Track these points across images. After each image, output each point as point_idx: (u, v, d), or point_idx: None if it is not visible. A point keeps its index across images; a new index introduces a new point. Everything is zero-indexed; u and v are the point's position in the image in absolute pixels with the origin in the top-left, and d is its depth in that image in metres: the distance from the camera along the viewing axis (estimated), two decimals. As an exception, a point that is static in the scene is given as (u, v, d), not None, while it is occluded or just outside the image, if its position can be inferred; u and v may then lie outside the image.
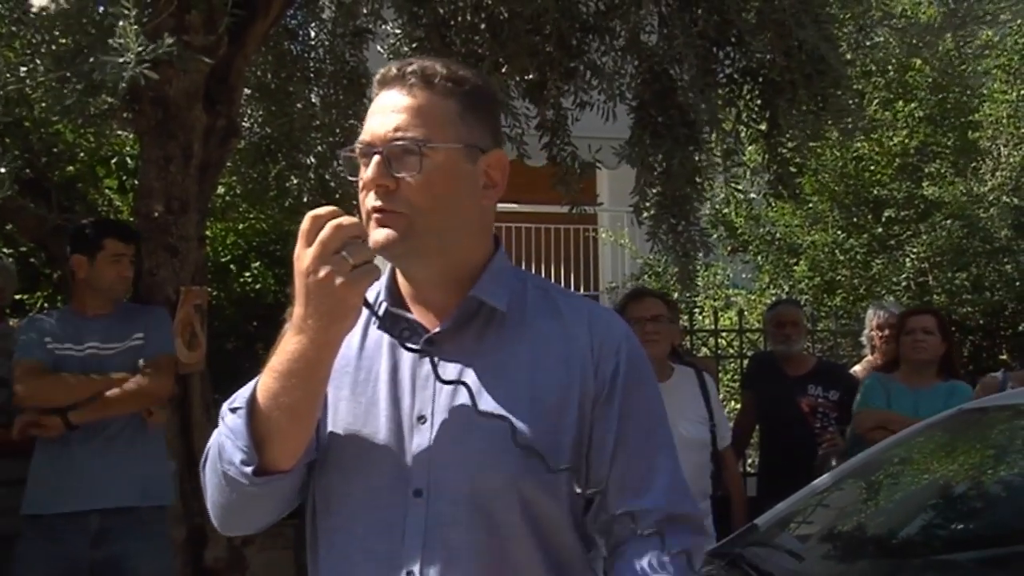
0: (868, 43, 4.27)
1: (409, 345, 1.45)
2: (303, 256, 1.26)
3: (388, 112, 1.44)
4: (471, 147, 1.45)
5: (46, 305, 5.78)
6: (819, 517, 3.33)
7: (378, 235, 1.38)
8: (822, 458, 4.52)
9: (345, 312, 1.29)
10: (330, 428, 1.46)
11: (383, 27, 5.26)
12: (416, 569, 1.38)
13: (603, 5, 4.55)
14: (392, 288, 1.52)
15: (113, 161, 6.12)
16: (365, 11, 5.19)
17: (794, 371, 5.10)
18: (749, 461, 6.64)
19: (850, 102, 4.16)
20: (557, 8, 4.35)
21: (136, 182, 5.63)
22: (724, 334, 8.07)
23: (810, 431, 4.89)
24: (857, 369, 5.53)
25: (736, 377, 7.89)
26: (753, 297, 9.81)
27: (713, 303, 9.84)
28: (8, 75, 2.78)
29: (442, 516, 1.39)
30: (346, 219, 1.28)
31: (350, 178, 1.49)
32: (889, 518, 3.35)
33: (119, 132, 5.52)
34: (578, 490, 1.42)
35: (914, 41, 4.17)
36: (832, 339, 8.39)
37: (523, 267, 11.81)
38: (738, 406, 6.39)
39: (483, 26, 4.82)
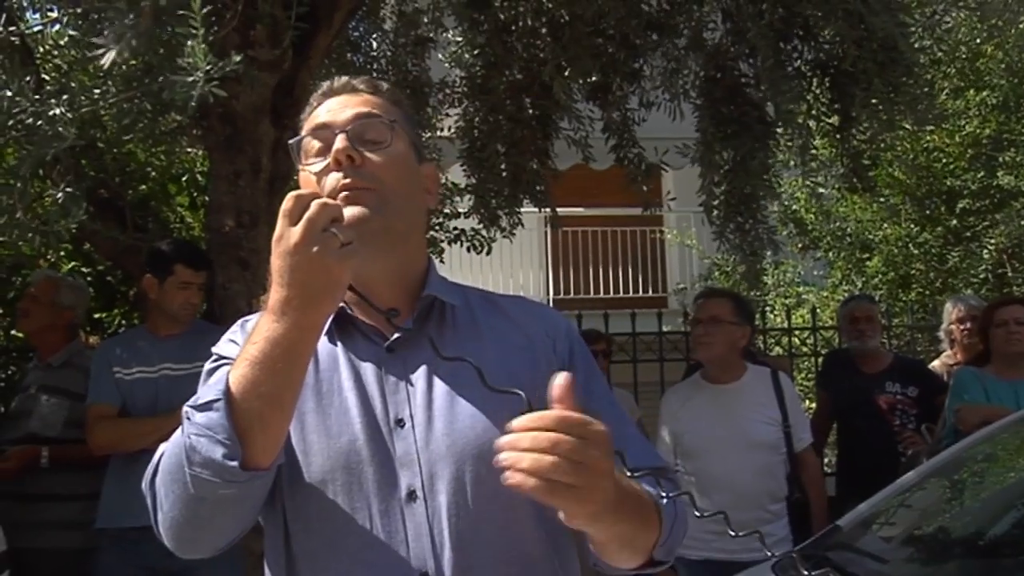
0: (940, 28, 4.16)
1: (444, 353, 1.40)
2: (288, 235, 1.21)
3: (344, 106, 1.49)
4: (416, 148, 1.54)
5: (123, 322, 5.89)
6: (903, 517, 3.25)
7: (353, 210, 1.36)
8: (911, 457, 4.42)
9: (333, 292, 1.24)
10: (298, 442, 1.42)
11: (444, 35, 5.28)
12: (431, 569, 1.37)
13: (666, 4, 4.52)
14: None
15: (184, 178, 6.22)
16: (426, 20, 5.22)
17: (870, 368, 4.99)
18: (826, 460, 6.52)
19: (923, 90, 4.06)
20: (619, 9, 4.33)
21: (206, 198, 5.74)
22: (797, 332, 7.95)
23: (889, 429, 4.79)
24: (935, 364, 5.40)
25: (810, 376, 7.77)
26: (825, 294, 9.66)
27: (784, 301, 9.71)
28: (82, 97, 2.82)
29: (444, 511, 1.38)
30: (329, 199, 1.25)
31: (299, 166, 1.48)
32: (976, 517, 3.26)
33: (188, 149, 5.62)
34: None
35: (994, 21, 4.06)
36: (908, 334, 8.22)
37: (591, 270, 11.82)
38: (813, 405, 6.29)
39: (544, 30, 4.81)
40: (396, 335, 1.46)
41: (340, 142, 1.41)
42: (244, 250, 3.95)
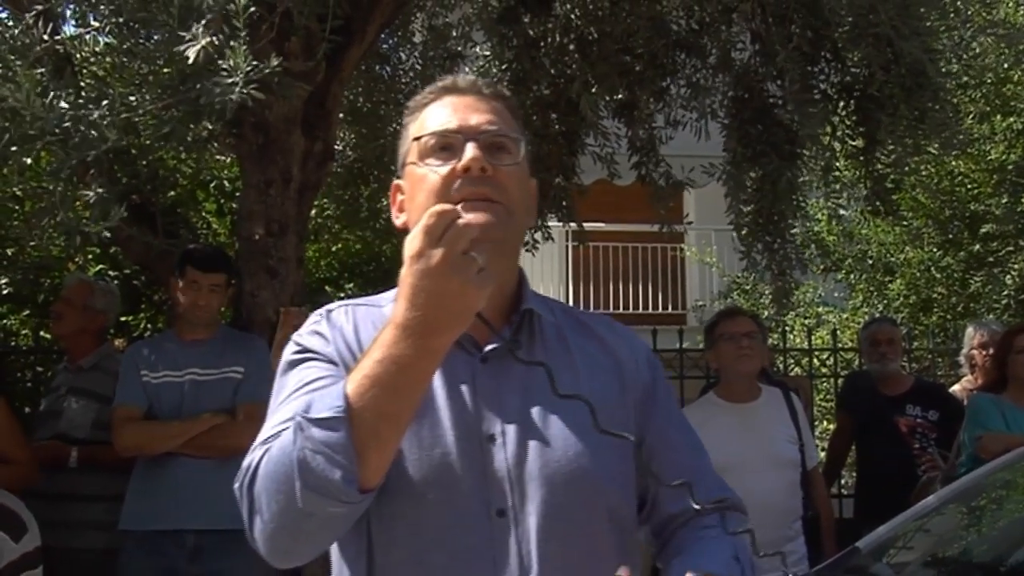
0: (967, 54, 4.17)
1: (530, 353, 1.42)
2: (429, 256, 1.15)
3: (472, 109, 1.45)
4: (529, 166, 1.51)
5: (148, 326, 5.95)
6: (921, 542, 3.25)
7: (479, 217, 1.30)
8: (925, 483, 4.41)
9: (466, 317, 1.20)
10: None
11: (473, 49, 5.33)
12: None
13: (694, 23, 4.55)
14: None
15: (212, 185, 6.29)
16: (456, 34, 5.26)
17: (891, 391, 4.99)
18: (843, 482, 6.50)
19: (949, 115, 4.07)
20: (648, 28, 4.36)
21: (234, 205, 5.79)
22: (817, 353, 7.93)
23: (909, 452, 4.78)
24: (956, 389, 5.38)
25: (830, 397, 7.75)
26: (846, 316, 9.64)
27: (804, 322, 9.69)
28: (119, 104, 2.88)
29: (534, 533, 1.36)
30: (470, 217, 1.20)
31: (416, 164, 1.43)
32: (994, 545, 3.25)
33: (218, 156, 5.69)
34: (666, 484, 1.42)
35: (1020, 47, 4.07)
36: (929, 358, 8.19)
37: (611, 285, 11.82)
38: (832, 426, 6.28)
39: (572, 47, 4.85)
40: (491, 345, 1.43)
41: (474, 151, 1.37)
42: (273, 258, 3.99)
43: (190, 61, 2.37)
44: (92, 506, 3.82)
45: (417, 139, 1.44)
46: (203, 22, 2.30)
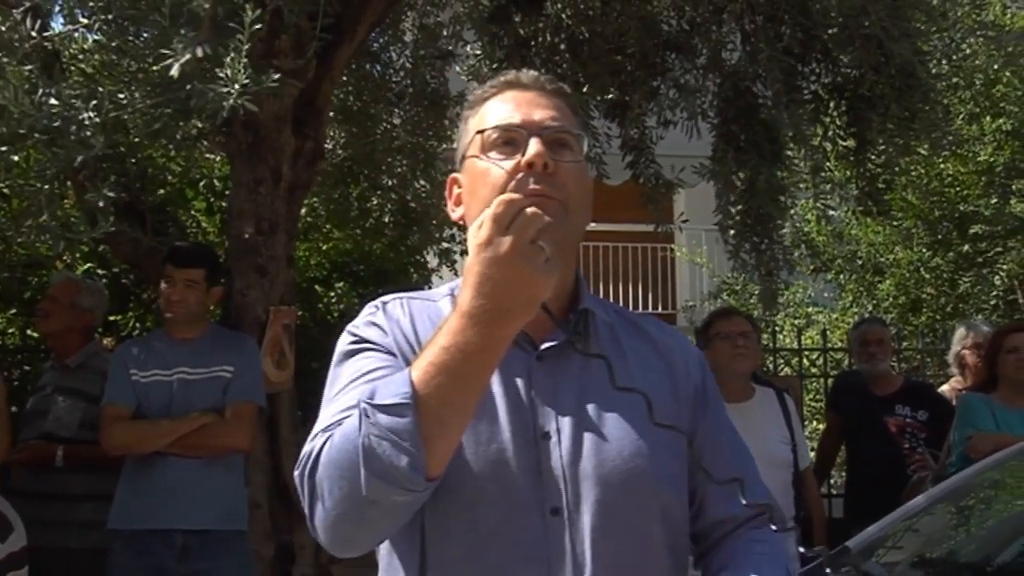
0: (957, 56, 4.19)
1: (587, 348, 1.43)
2: (498, 243, 1.16)
3: (535, 105, 1.45)
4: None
5: (137, 326, 5.92)
6: (911, 541, 3.26)
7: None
8: (915, 482, 4.42)
9: (533, 306, 1.20)
10: None
11: (464, 48, 5.32)
12: None
13: (685, 24, 4.55)
14: None
15: (201, 183, 6.26)
16: (446, 33, 5.25)
17: (881, 390, 5.00)
18: (832, 481, 6.52)
19: (938, 116, 4.08)
20: (639, 28, 4.36)
21: (223, 204, 5.77)
22: (807, 353, 7.95)
23: (899, 452, 4.79)
24: (945, 389, 5.40)
25: (819, 396, 7.76)
26: (836, 316, 9.66)
27: (794, 322, 9.71)
28: (108, 103, 2.86)
29: (587, 532, 1.36)
30: (535, 209, 1.20)
31: (478, 158, 1.44)
32: (983, 544, 3.26)
33: (208, 155, 5.67)
34: (717, 481, 1.46)
35: (1010, 48, 4.09)
36: (918, 358, 8.22)
37: (601, 285, 11.82)
38: (822, 426, 6.29)
39: (563, 46, 4.85)
40: (549, 343, 1.44)
41: (538, 146, 1.37)
42: (263, 257, 3.98)
43: (173, 74, 2.35)
44: (80, 505, 3.80)
45: (480, 132, 1.44)
46: (191, 33, 2.27)
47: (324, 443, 1.27)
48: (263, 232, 3.97)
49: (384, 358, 1.40)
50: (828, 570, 2.96)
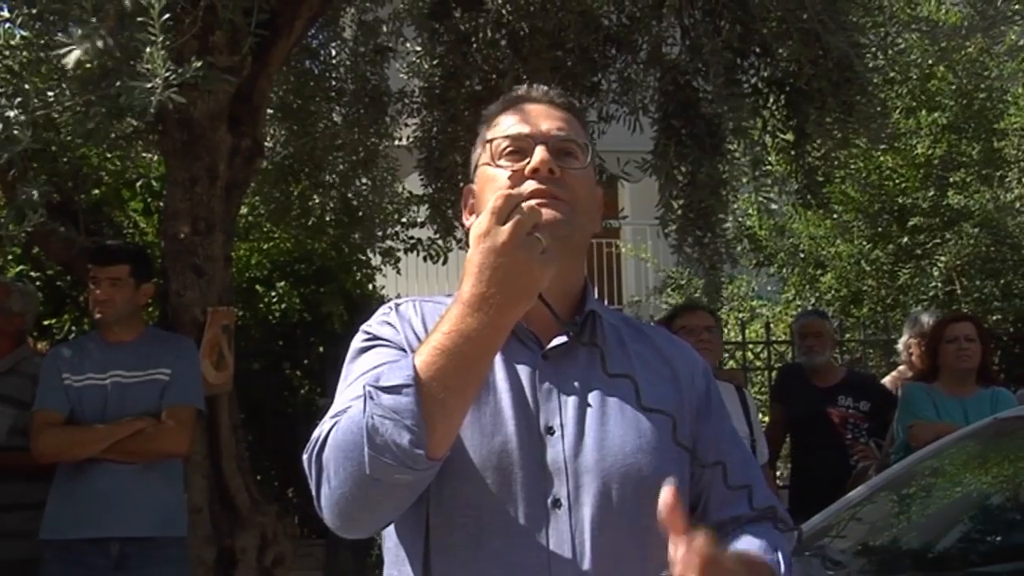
0: (892, 50, 4.23)
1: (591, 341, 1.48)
2: (496, 233, 1.24)
3: (543, 116, 1.53)
4: (595, 170, 1.60)
5: (73, 328, 5.81)
6: (853, 530, 3.29)
7: (547, 213, 1.39)
8: (860, 471, 4.47)
9: (531, 294, 1.28)
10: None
11: (403, 45, 5.29)
12: None
13: (625, 18, 4.55)
14: None
15: (138, 183, 6.16)
16: (386, 29, 5.22)
17: (823, 382, 5.05)
18: (778, 473, 6.58)
19: (876, 109, 4.13)
20: (579, 23, 4.35)
21: (161, 204, 5.68)
22: (751, 346, 8.02)
23: (841, 442, 4.84)
24: (888, 379, 5.47)
25: (764, 389, 7.84)
26: (779, 309, 9.76)
27: (738, 315, 9.79)
28: (36, 100, 2.79)
29: (588, 523, 1.42)
30: (534, 203, 1.30)
31: (488, 165, 1.52)
32: (924, 531, 3.31)
33: (144, 154, 5.56)
34: (726, 486, 1.51)
35: (942, 44, 4.15)
36: (860, 349, 8.33)
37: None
38: (766, 419, 6.35)
39: (504, 42, 4.83)
40: (556, 342, 1.50)
41: (543, 153, 1.45)
42: (199, 257, 3.92)
43: (69, 67, 2.30)
44: (8, 515, 3.69)
45: (490, 142, 1.53)
46: (93, 20, 2.21)
47: (332, 427, 1.34)
48: (200, 232, 3.91)
49: (395, 354, 1.46)
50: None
